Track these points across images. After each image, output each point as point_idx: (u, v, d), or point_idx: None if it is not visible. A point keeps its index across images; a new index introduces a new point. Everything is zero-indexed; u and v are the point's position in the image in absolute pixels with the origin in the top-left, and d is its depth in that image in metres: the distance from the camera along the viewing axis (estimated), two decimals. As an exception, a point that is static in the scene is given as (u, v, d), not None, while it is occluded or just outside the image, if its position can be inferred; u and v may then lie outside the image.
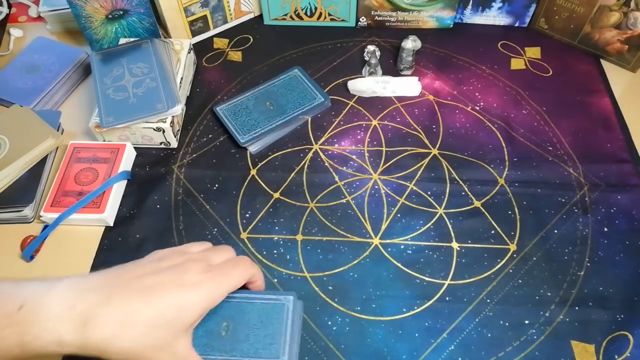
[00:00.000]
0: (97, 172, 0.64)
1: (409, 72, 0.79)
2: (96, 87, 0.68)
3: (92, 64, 0.71)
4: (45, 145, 0.66)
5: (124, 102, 0.67)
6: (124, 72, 0.70)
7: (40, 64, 0.78)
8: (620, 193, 0.65)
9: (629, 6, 0.73)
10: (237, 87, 0.78)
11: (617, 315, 0.55)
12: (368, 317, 0.56)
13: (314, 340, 0.54)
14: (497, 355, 0.53)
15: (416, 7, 0.81)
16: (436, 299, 0.57)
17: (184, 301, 0.40)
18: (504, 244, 0.61)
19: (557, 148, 0.70)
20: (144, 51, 0.72)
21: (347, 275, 0.59)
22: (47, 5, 0.83)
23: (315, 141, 0.71)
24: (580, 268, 0.59)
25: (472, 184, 0.66)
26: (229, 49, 0.83)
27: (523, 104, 0.75)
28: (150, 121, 0.66)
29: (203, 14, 0.81)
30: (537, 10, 0.82)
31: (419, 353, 0.53)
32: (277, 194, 0.66)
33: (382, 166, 0.68)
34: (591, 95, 0.76)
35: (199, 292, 0.41)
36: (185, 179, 0.67)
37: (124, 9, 0.74)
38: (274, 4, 0.83)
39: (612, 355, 0.53)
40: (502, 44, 0.83)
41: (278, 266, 0.59)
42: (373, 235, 0.62)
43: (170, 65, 0.71)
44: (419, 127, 0.72)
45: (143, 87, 0.68)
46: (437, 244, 0.61)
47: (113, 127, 0.65)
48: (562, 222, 0.63)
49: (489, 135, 0.71)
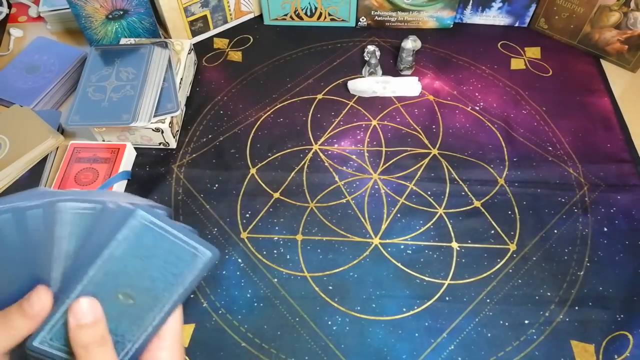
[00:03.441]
0: (97, 172, 0.64)
1: (409, 72, 0.79)
2: (80, 83, 0.68)
3: (88, 58, 0.71)
4: (45, 145, 0.66)
5: (97, 104, 0.66)
6: (112, 73, 0.69)
7: (40, 64, 0.78)
8: (620, 193, 0.65)
9: (629, 6, 0.73)
10: (237, 87, 0.78)
11: (617, 315, 0.55)
12: (368, 317, 0.56)
13: (314, 340, 0.54)
14: (497, 355, 0.53)
15: (416, 7, 0.81)
16: (436, 298, 0.57)
17: None
18: (504, 244, 0.61)
19: (556, 148, 0.70)
20: (139, 57, 0.71)
21: (347, 275, 0.59)
22: (47, 5, 0.83)
23: (315, 141, 0.71)
24: (580, 268, 0.59)
25: (472, 184, 0.66)
26: (229, 49, 0.83)
27: (523, 104, 0.75)
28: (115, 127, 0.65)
29: (203, 14, 0.81)
30: (537, 10, 0.82)
31: (419, 353, 0.53)
32: (277, 194, 0.66)
33: (382, 166, 0.68)
34: (591, 95, 0.76)
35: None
36: (185, 178, 0.67)
37: (124, 9, 0.74)
38: (274, 4, 0.83)
39: (612, 355, 0.53)
40: (502, 44, 0.83)
41: (278, 266, 0.59)
42: (373, 235, 0.62)
43: (160, 77, 0.69)
44: (418, 127, 0.72)
45: (120, 94, 0.67)
46: (437, 244, 0.61)
47: (78, 126, 0.64)
48: (562, 222, 0.63)
49: (488, 135, 0.71)
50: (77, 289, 0.36)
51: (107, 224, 0.37)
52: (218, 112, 0.74)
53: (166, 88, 0.69)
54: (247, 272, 0.59)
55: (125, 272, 0.37)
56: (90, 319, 0.36)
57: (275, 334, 0.55)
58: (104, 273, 0.37)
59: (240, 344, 0.54)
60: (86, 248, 0.36)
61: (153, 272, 0.37)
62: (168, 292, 0.38)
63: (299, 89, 0.77)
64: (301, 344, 0.54)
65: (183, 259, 0.38)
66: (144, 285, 0.38)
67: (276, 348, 0.54)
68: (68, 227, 0.36)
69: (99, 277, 0.36)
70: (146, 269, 0.37)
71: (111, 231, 0.37)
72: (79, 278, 0.36)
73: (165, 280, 0.38)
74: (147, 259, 0.37)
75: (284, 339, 0.54)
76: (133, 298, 0.37)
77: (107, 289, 0.37)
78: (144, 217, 0.37)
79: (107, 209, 0.36)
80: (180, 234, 0.37)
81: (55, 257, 0.36)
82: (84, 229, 0.37)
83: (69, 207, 0.36)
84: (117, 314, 0.37)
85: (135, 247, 0.37)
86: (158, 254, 0.37)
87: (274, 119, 0.73)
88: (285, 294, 0.57)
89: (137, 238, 0.37)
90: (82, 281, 0.36)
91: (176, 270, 0.38)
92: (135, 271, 0.37)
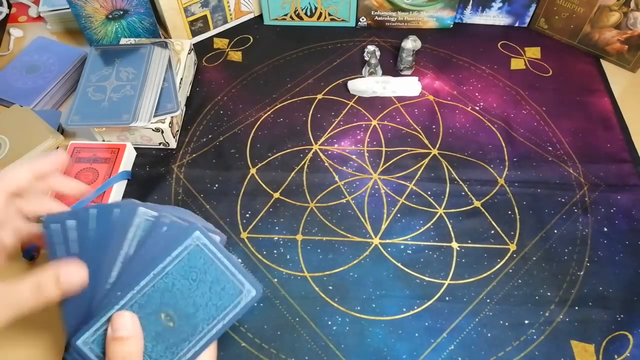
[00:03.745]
0: (97, 172, 0.64)
1: (409, 72, 0.79)
2: (80, 83, 0.68)
3: (88, 58, 0.71)
4: (45, 145, 0.66)
5: (97, 104, 0.66)
6: (112, 73, 0.69)
7: (40, 64, 0.78)
8: (620, 193, 0.65)
9: (629, 6, 0.73)
10: (237, 87, 0.78)
11: (616, 315, 0.55)
12: (368, 317, 0.56)
13: (314, 340, 0.54)
14: (497, 355, 0.53)
15: (416, 7, 0.81)
16: (436, 298, 0.57)
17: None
18: (504, 244, 0.61)
19: (556, 148, 0.70)
20: (139, 57, 0.71)
21: (347, 275, 0.59)
22: (47, 5, 0.83)
23: (315, 141, 0.71)
24: (580, 268, 0.59)
25: (472, 184, 0.66)
26: (229, 49, 0.83)
27: (523, 104, 0.75)
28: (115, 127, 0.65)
29: (203, 14, 0.81)
30: (537, 10, 0.82)
31: (419, 353, 0.53)
32: (277, 194, 0.66)
33: (382, 166, 0.68)
34: (591, 95, 0.76)
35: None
36: (185, 178, 0.67)
37: (124, 9, 0.74)
38: (274, 4, 0.83)
39: (612, 355, 0.53)
40: (502, 44, 0.83)
41: (278, 266, 0.59)
42: (373, 235, 0.62)
43: (160, 77, 0.69)
44: (418, 127, 0.72)
45: (120, 94, 0.66)
46: (437, 244, 0.61)
47: (78, 126, 0.64)
48: (562, 222, 0.63)
49: (488, 135, 0.71)
50: (127, 296, 0.37)
51: (164, 237, 0.37)
52: (218, 112, 0.74)
53: (166, 88, 0.69)
54: (247, 272, 0.59)
55: (172, 291, 0.38)
56: (126, 334, 0.36)
57: (275, 334, 0.55)
58: (153, 286, 0.37)
59: (240, 344, 0.54)
60: (142, 256, 0.37)
61: (197, 299, 0.38)
62: (208, 324, 0.38)
63: (299, 89, 0.77)
64: (301, 344, 0.54)
65: (228, 291, 0.38)
66: (186, 311, 0.38)
67: (276, 348, 0.54)
68: (138, 232, 0.37)
69: (147, 290, 0.37)
70: (192, 293, 0.38)
71: (166, 246, 0.37)
72: (131, 285, 0.37)
73: (208, 311, 0.38)
74: (194, 282, 0.38)
75: (284, 339, 0.54)
76: (174, 321, 0.38)
77: (153, 304, 0.38)
78: (200, 238, 0.37)
79: (166, 223, 0.37)
80: (230, 264, 0.38)
81: (120, 256, 0.37)
82: (145, 237, 0.37)
83: (142, 212, 0.37)
84: (156, 334, 0.38)
85: (186, 266, 0.38)
86: (206, 279, 0.38)
87: (274, 119, 0.73)
88: (285, 294, 0.57)
89: (189, 258, 0.37)
90: (133, 289, 0.37)
91: (219, 302, 0.38)
92: (182, 293, 0.38)
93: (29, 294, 0.36)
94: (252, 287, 0.38)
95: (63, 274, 0.37)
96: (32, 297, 0.36)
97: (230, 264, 0.38)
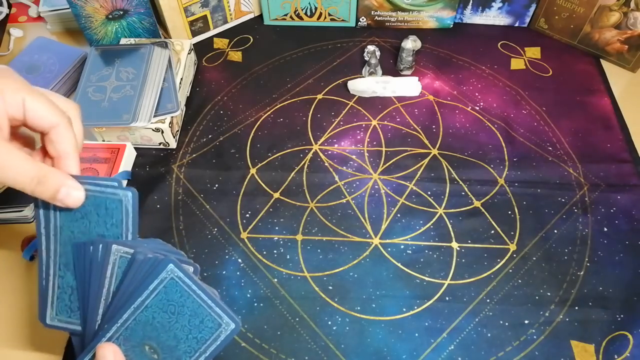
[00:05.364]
0: (97, 172, 0.64)
1: (409, 72, 0.79)
2: (80, 83, 0.68)
3: (88, 58, 0.71)
4: (46, 145, 0.66)
5: (97, 104, 0.66)
6: (112, 73, 0.69)
7: (40, 64, 0.78)
8: (620, 193, 0.65)
9: (629, 6, 0.73)
10: (237, 88, 0.78)
11: (616, 315, 0.55)
12: (368, 317, 0.56)
13: (314, 340, 0.54)
14: (497, 355, 0.53)
15: (416, 7, 0.81)
16: (436, 298, 0.57)
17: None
18: (504, 244, 0.61)
19: (556, 148, 0.70)
20: (139, 57, 0.71)
21: (347, 275, 0.59)
22: (47, 5, 0.83)
23: (315, 141, 0.71)
24: (580, 268, 0.59)
25: (472, 184, 0.66)
26: (229, 49, 0.83)
27: (523, 104, 0.75)
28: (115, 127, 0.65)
29: (203, 14, 0.81)
30: (537, 10, 0.82)
31: (419, 353, 0.53)
32: (277, 194, 0.66)
33: (382, 166, 0.68)
34: (591, 95, 0.76)
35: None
36: (185, 179, 0.67)
37: (124, 9, 0.74)
38: (274, 4, 0.83)
39: (612, 355, 0.53)
40: (502, 44, 0.83)
41: (278, 266, 0.59)
42: (373, 235, 0.62)
43: (160, 77, 0.69)
44: (418, 127, 0.72)
45: (121, 94, 0.66)
46: (437, 244, 0.61)
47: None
48: (562, 222, 0.63)
49: (489, 135, 0.71)
50: (112, 329, 0.37)
51: (140, 271, 0.38)
52: (218, 112, 0.74)
53: (166, 88, 0.69)
54: (247, 272, 0.59)
55: (153, 324, 0.38)
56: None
57: (275, 334, 0.55)
58: (134, 320, 0.38)
59: (240, 344, 0.54)
60: (122, 291, 0.38)
61: (178, 332, 0.38)
62: (190, 357, 0.39)
63: (299, 89, 0.77)
64: (301, 344, 0.54)
65: (207, 324, 0.38)
66: (169, 344, 0.38)
67: (276, 348, 0.54)
68: (114, 269, 0.38)
69: (130, 323, 0.38)
70: (172, 326, 0.38)
71: (144, 279, 0.38)
72: (115, 319, 0.38)
73: (189, 344, 0.39)
74: (173, 316, 0.38)
75: (284, 339, 0.54)
76: (158, 353, 0.39)
77: (136, 337, 0.38)
78: (174, 271, 0.38)
79: (140, 258, 0.37)
80: (206, 297, 0.38)
81: (103, 293, 0.38)
82: (122, 273, 0.38)
83: (115, 249, 0.38)
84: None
85: (163, 299, 0.38)
86: (184, 312, 0.38)
87: (274, 119, 0.73)
88: (285, 294, 0.57)
89: (166, 291, 0.38)
90: (117, 323, 0.37)
91: (199, 335, 0.38)
92: (162, 326, 0.38)
93: (26, 178, 0.35)
94: (230, 320, 0.38)
95: (63, 192, 0.37)
96: (27, 183, 0.35)
97: (206, 297, 0.38)
